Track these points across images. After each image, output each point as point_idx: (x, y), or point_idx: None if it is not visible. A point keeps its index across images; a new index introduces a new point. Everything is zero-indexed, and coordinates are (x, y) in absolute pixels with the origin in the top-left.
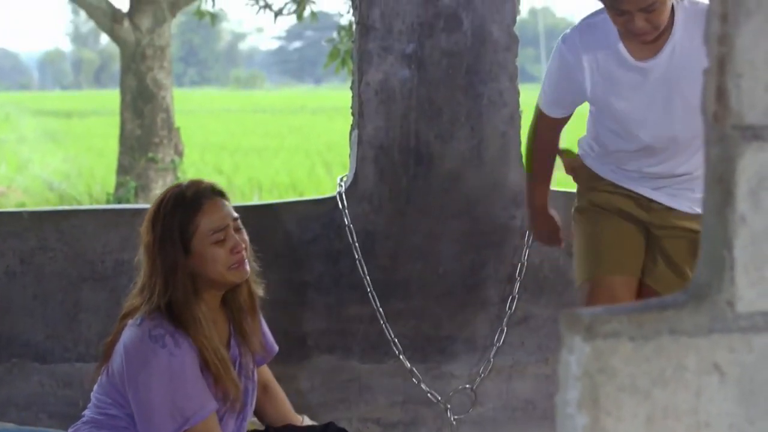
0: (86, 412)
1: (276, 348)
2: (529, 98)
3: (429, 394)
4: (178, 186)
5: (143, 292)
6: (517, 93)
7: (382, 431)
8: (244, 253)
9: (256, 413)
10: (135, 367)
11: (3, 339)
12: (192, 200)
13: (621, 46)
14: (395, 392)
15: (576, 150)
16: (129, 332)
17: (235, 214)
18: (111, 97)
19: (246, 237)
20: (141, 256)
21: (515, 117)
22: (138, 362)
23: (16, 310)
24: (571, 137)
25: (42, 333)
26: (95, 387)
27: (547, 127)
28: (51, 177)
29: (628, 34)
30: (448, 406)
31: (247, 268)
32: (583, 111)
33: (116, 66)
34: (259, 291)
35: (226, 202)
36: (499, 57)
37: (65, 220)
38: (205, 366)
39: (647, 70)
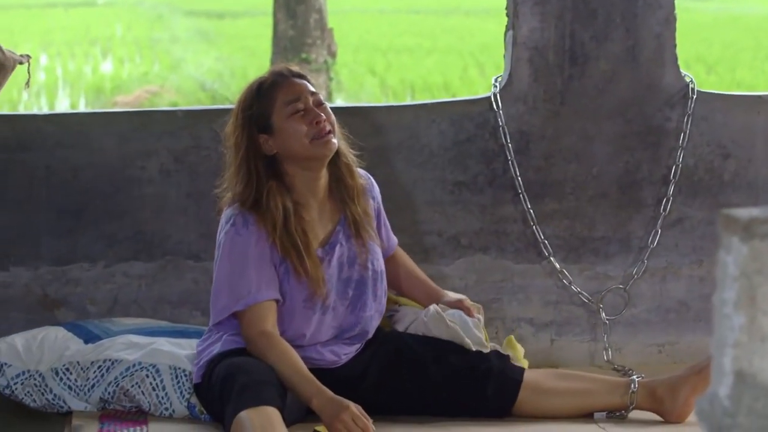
0: None
1: (394, 242)
2: (682, 2)
3: (580, 295)
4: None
5: (227, 187)
6: None
7: (534, 331)
8: (327, 125)
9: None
10: (216, 249)
11: (157, 237)
12: (267, 80)
13: None
14: (548, 292)
15: None
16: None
17: (314, 90)
18: None
19: (332, 116)
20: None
21: (670, 19)
22: (217, 244)
23: (170, 209)
24: None
25: (195, 231)
26: None
27: None
28: (204, 77)
29: None
30: (601, 306)
31: (334, 141)
32: None
33: None
34: (360, 180)
35: (305, 81)
36: None
37: (219, 118)
38: (283, 253)
39: None
